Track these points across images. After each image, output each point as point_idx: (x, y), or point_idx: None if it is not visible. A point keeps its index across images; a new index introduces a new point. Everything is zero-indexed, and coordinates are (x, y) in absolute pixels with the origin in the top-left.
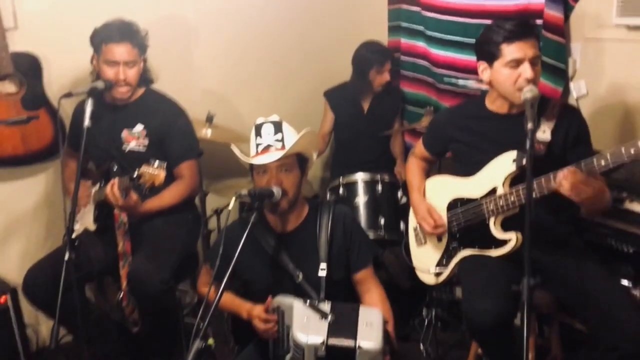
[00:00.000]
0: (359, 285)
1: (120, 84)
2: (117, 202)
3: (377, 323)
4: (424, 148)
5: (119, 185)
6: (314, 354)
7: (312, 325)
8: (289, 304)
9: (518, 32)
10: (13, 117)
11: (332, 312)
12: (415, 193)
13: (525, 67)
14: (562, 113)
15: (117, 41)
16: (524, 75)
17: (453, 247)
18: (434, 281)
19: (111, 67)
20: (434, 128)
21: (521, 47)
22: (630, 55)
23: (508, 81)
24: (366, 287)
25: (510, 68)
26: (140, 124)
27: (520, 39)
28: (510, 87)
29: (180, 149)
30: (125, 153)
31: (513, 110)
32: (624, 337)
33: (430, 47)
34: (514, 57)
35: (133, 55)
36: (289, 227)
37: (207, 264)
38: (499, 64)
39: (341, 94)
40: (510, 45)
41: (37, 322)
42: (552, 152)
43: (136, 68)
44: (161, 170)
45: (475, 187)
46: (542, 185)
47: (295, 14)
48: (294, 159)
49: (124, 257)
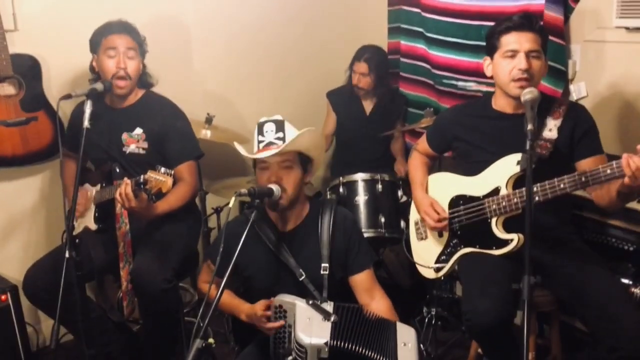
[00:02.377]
0: (357, 289)
1: (120, 74)
2: (129, 204)
3: (412, 343)
4: (427, 144)
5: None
6: (316, 355)
7: (316, 326)
8: (291, 303)
9: (518, 23)
10: (12, 118)
11: (335, 312)
12: (417, 188)
13: (520, 57)
14: (568, 111)
15: (117, 32)
16: (518, 66)
17: (454, 243)
18: (434, 275)
19: (111, 58)
20: (439, 125)
21: (517, 37)
22: (630, 57)
23: (504, 71)
24: (368, 294)
25: (507, 58)
26: (139, 127)
27: (517, 30)
28: (506, 77)
29: (179, 151)
30: (126, 155)
31: (519, 110)
32: (624, 336)
33: (429, 48)
34: (510, 47)
35: (133, 45)
36: (290, 225)
37: (207, 261)
38: (498, 55)
39: (343, 95)
40: (507, 36)
41: (38, 321)
42: (558, 151)
43: (136, 61)
44: (168, 177)
45: (478, 186)
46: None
47: (295, 15)
48: (296, 157)
49: (124, 257)
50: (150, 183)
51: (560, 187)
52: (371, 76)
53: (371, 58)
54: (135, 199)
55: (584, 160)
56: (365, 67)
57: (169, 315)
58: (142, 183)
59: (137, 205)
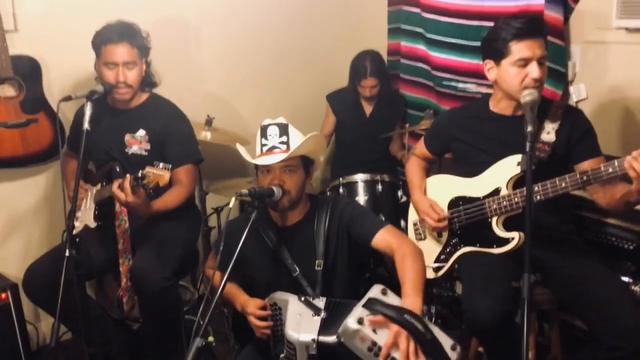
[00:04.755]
0: (385, 252)
1: (120, 86)
2: (126, 199)
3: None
4: (425, 148)
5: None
6: (305, 351)
7: (305, 322)
8: (284, 300)
9: (528, 30)
10: (12, 120)
11: (326, 308)
12: (416, 190)
13: (533, 66)
14: (565, 114)
15: (116, 42)
16: (532, 75)
17: (453, 243)
18: (433, 275)
19: (110, 70)
20: (436, 128)
21: (530, 45)
22: (630, 58)
23: (515, 80)
24: (390, 252)
25: (518, 67)
26: (142, 129)
27: (529, 37)
28: (517, 86)
29: (179, 154)
30: (128, 156)
31: (518, 112)
32: (624, 335)
33: (429, 49)
34: (523, 55)
35: (132, 56)
36: (289, 222)
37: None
38: (507, 62)
39: (343, 97)
40: (519, 43)
41: (38, 319)
42: (556, 154)
43: (136, 70)
44: (166, 171)
45: (478, 187)
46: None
47: (295, 16)
48: (299, 160)
49: (124, 254)
50: (148, 177)
51: (562, 186)
52: (378, 84)
53: (374, 69)
54: (133, 194)
55: (582, 163)
56: (374, 80)
57: (168, 314)
58: (140, 178)
59: (134, 201)
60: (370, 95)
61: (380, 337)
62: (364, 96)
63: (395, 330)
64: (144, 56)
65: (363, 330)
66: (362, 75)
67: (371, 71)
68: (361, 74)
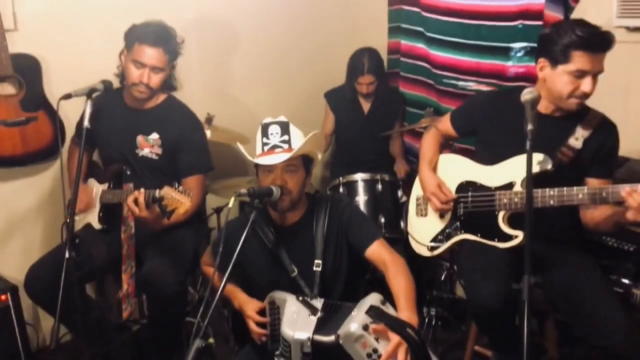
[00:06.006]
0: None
1: (140, 85)
2: (140, 214)
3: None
4: (450, 123)
5: (145, 197)
6: (300, 349)
7: (301, 321)
8: (282, 299)
9: (594, 43)
10: (12, 118)
11: (324, 309)
12: (425, 165)
13: (587, 80)
14: (600, 125)
15: (151, 44)
16: (584, 88)
17: (454, 227)
18: (427, 254)
19: (137, 68)
20: (469, 107)
21: (592, 60)
22: (630, 57)
23: (566, 88)
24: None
25: (574, 77)
26: (156, 132)
27: (595, 52)
28: (566, 94)
29: (191, 163)
30: (138, 157)
31: (556, 113)
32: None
33: (430, 48)
34: (582, 67)
35: (162, 62)
36: (288, 222)
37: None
38: (564, 68)
39: (341, 95)
40: (582, 54)
41: (38, 321)
42: (578, 161)
43: (162, 74)
44: (187, 197)
45: (491, 177)
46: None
47: (295, 14)
48: (300, 160)
49: (127, 260)
50: (167, 200)
51: (579, 197)
52: (376, 81)
53: (371, 66)
54: (146, 209)
55: (593, 179)
56: (371, 77)
57: (175, 316)
58: (158, 199)
59: (147, 216)
60: (367, 92)
61: (382, 345)
62: (361, 93)
63: (397, 341)
64: (172, 61)
65: (367, 337)
66: (360, 72)
67: (368, 68)
68: (358, 71)
